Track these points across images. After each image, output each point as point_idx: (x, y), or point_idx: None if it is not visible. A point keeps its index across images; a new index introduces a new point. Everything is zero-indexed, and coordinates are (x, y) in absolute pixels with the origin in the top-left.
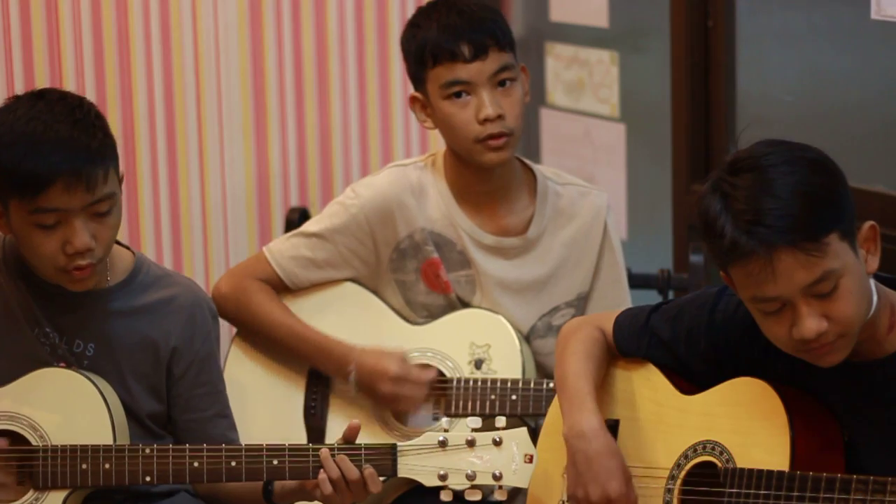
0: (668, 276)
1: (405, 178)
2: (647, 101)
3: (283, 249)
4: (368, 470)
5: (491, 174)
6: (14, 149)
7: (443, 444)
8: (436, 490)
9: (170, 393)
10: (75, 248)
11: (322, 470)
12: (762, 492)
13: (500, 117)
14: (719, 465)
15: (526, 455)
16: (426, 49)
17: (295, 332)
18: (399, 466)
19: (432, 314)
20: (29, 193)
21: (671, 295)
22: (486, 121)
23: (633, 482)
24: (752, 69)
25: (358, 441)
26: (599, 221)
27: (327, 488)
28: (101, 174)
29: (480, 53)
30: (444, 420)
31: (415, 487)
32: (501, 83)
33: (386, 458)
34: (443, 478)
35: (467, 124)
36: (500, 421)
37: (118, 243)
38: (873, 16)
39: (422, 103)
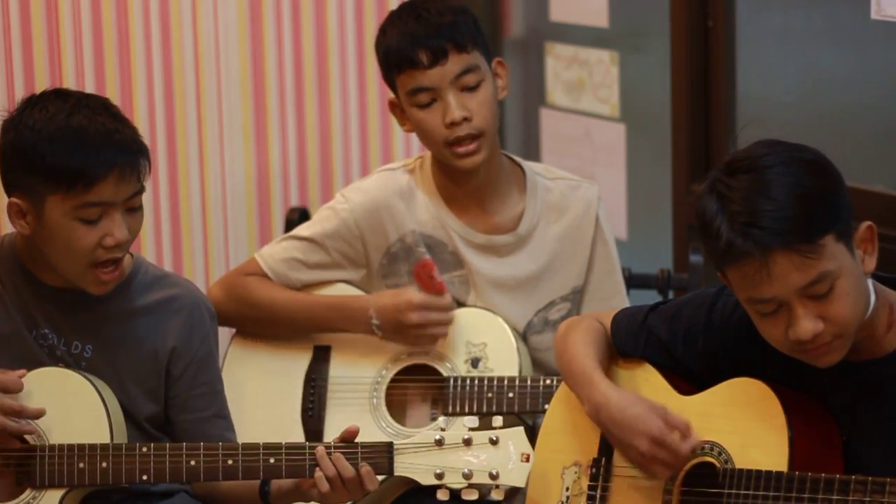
0: (668, 276)
1: (394, 181)
2: (647, 101)
3: (274, 253)
4: (365, 468)
5: (475, 174)
6: (61, 143)
7: (439, 442)
8: (433, 491)
9: (168, 393)
10: (116, 241)
11: (318, 468)
12: (761, 492)
13: (466, 119)
14: (718, 465)
15: (522, 454)
16: (389, 57)
17: (304, 302)
18: (395, 465)
19: None
20: (80, 187)
21: (671, 295)
22: (452, 124)
23: (633, 482)
24: (752, 69)
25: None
26: (591, 214)
27: (324, 486)
28: (147, 166)
29: (439, 58)
30: (442, 419)
31: (412, 489)
32: (467, 85)
33: (382, 456)
34: (439, 476)
35: (436, 129)
36: (497, 420)
37: None
38: (873, 16)
39: (399, 108)
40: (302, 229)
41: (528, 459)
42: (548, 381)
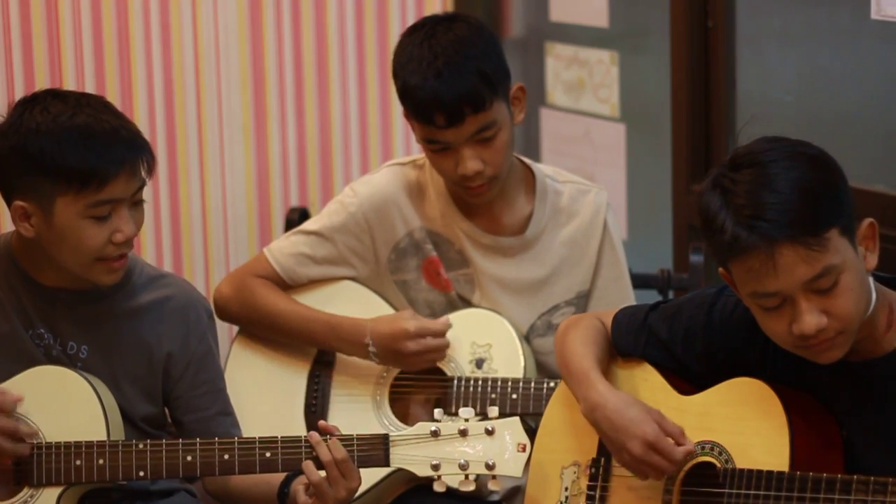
0: (668, 276)
1: (403, 176)
2: (647, 101)
3: (283, 247)
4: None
5: None
6: (70, 144)
7: (435, 433)
8: (432, 489)
9: (171, 395)
10: (126, 236)
11: (309, 459)
12: (761, 492)
13: (478, 173)
14: (718, 465)
15: (519, 444)
16: (405, 98)
17: (303, 316)
18: (391, 456)
19: (434, 312)
20: (93, 186)
21: (671, 295)
22: (464, 177)
23: (632, 482)
24: (752, 69)
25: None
26: (599, 219)
27: (314, 477)
28: (152, 159)
29: (456, 122)
30: (437, 411)
31: (411, 488)
32: (483, 138)
33: (378, 448)
34: (436, 468)
35: (447, 171)
36: (493, 411)
37: None
38: (873, 16)
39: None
40: (310, 223)
41: (524, 449)
42: (552, 384)
